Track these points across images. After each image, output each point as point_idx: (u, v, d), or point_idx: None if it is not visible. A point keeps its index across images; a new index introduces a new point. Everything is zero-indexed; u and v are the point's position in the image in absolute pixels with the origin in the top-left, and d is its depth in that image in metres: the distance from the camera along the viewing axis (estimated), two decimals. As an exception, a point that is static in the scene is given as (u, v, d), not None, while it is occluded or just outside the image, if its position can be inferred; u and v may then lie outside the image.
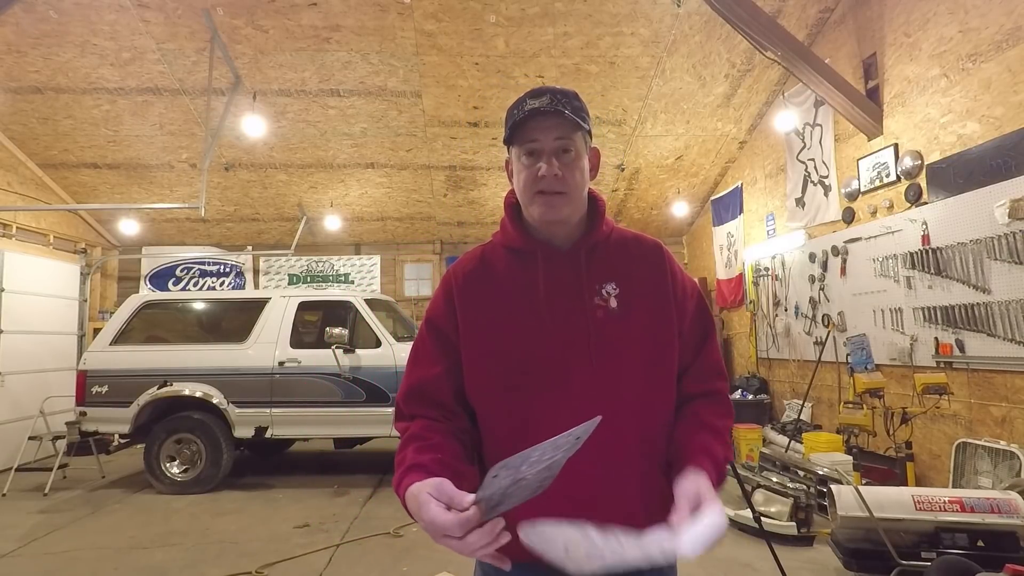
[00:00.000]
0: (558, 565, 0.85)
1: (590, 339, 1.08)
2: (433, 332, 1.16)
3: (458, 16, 5.48)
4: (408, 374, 1.18)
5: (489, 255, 1.19)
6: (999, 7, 3.91)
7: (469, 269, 1.18)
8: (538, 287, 1.11)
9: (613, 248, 1.17)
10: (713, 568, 3.50)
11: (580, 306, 1.10)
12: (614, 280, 1.13)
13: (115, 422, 5.40)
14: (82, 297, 7.80)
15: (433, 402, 1.12)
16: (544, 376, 1.07)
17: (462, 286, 1.16)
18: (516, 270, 1.14)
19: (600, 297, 1.11)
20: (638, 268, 1.16)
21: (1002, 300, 3.86)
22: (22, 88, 6.19)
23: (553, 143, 1.08)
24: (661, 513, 1.01)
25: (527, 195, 1.10)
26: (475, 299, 1.14)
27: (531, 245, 1.14)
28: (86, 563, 3.74)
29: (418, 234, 9.28)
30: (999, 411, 3.96)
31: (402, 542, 4.03)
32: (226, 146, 7.11)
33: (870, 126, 5.06)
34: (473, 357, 1.12)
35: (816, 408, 6.04)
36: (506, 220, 1.19)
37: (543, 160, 1.08)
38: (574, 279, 1.12)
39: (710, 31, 5.73)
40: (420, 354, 1.18)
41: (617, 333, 1.09)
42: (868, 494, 3.15)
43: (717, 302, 8.35)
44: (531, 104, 1.08)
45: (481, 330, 1.12)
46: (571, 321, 1.09)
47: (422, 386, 1.14)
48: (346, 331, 5.38)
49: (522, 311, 1.11)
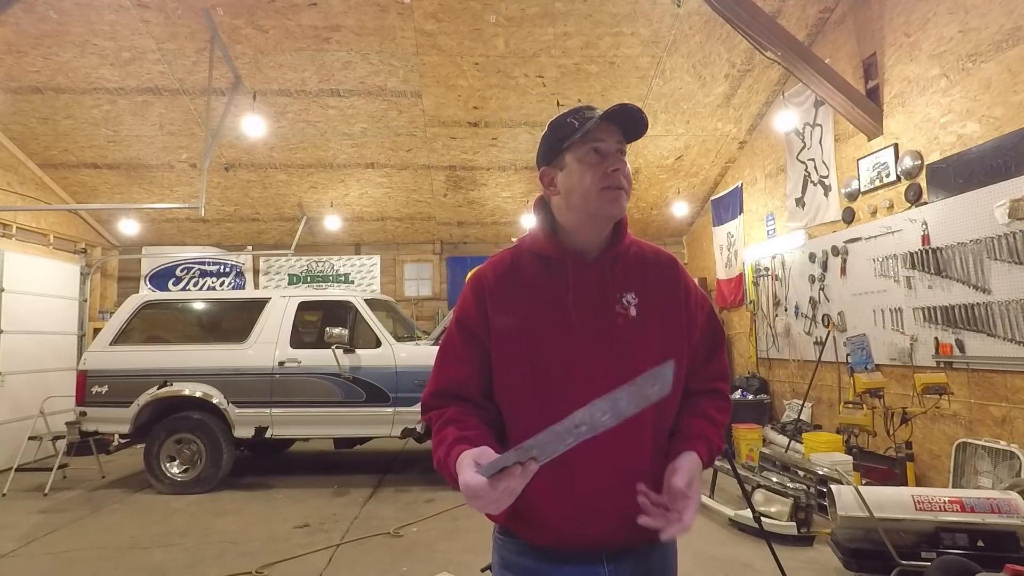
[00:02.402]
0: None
1: (613, 345, 1.15)
2: (464, 333, 1.21)
3: (458, 16, 5.48)
4: (437, 373, 1.23)
5: (519, 260, 1.24)
6: (999, 7, 3.91)
7: (501, 272, 1.23)
8: (567, 294, 1.17)
9: (633, 260, 1.24)
10: (713, 568, 3.50)
11: (604, 313, 1.17)
12: (633, 290, 1.20)
13: (115, 422, 5.40)
14: (82, 297, 7.80)
15: (462, 399, 1.18)
16: (569, 378, 1.13)
17: (494, 289, 1.21)
18: (546, 277, 1.20)
19: (621, 305, 1.18)
20: (655, 280, 1.23)
21: (1002, 300, 3.86)
22: (22, 88, 6.19)
23: (615, 145, 1.17)
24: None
25: (595, 189, 1.15)
26: (507, 303, 1.19)
27: (562, 254, 1.20)
28: (86, 563, 3.74)
29: (418, 234, 9.28)
30: (999, 411, 3.96)
31: (402, 542, 4.03)
32: (226, 146, 7.11)
33: (870, 126, 5.06)
34: (503, 359, 1.18)
35: (816, 408, 6.04)
36: (538, 229, 1.25)
37: (610, 159, 1.16)
38: (600, 288, 1.18)
39: (710, 31, 5.73)
40: (450, 354, 1.23)
41: (636, 339, 1.17)
42: (868, 494, 3.15)
43: (717, 302, 8.34)
44: (589, 114, 1.16)
45: (512, 333, 1.17)
46: (595, 327, 1.16)
47: (451, 385, 1.20)
48: (346, 331, 5.37)
49: (551, 316, 1.17)
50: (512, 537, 1.20)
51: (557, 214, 1.23)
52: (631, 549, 1.16)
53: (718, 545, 3.86)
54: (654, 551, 1.19)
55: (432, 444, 1.15)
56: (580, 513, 1.12)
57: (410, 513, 4.63)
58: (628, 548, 1.16)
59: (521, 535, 1.18)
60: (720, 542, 3.92)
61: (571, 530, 1.13)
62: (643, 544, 1.16)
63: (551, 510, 1.13)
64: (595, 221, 1.18)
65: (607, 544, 1.15)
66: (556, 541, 1.15)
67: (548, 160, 1.22)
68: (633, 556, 1.17)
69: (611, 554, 1.16)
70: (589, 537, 1.14)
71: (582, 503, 1.12)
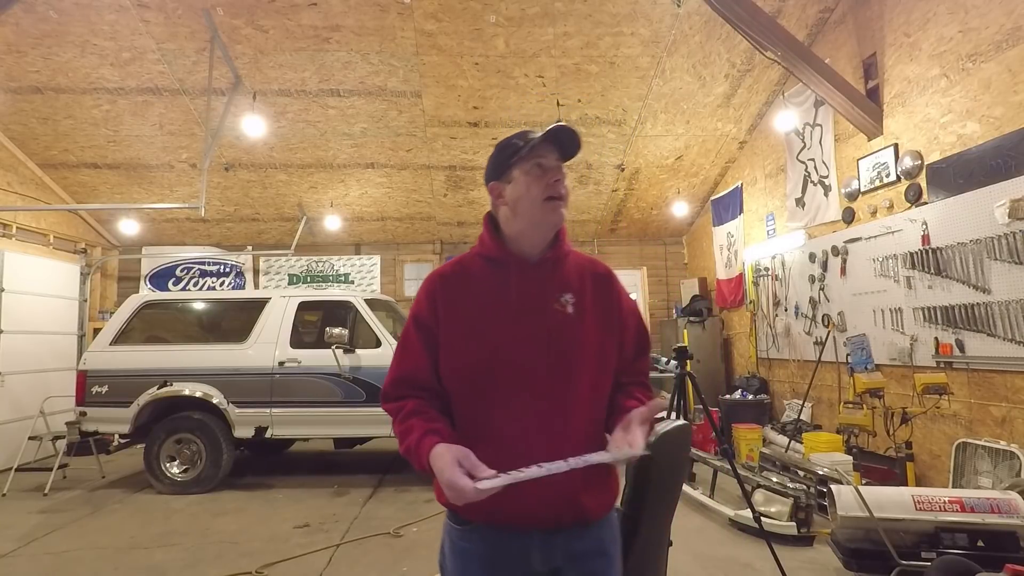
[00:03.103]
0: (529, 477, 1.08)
1: (550, 336, 1.29)
2: (419, 328, 1.35)
3: (458, 16, 5.48)
4: (396, 365, 1.37)
5: (468, 263, 1.39)
6: (999, 7, 3.91)
7: (450, 273, 1.38)
8: (510, 291, 1.32)
9: (572, 266, 1.39)
10: (713, 568, 3.50)
11: (544, 308, 1.31)
12: (571, 291, 1.34)
13: (115, 422, 5.40)
14: (82, 297, 7.81)
15: (421, 387, 1.33)
16: (511, 365, 1.27)
17: (444, 287, 1.35)
18: (491, 276, 1.34)
19: (559, 303, 1.32)
20: (591, 286, 1.38)
21: (1002, 300, 3.86)
22: (22, 88, 6.19)
23: (555, 161, 1.33)
24: (600, 488, 1.32)
25: (539, 199, 1.30)
26: (455, 298, 1.33)
27: (507, 256, 1.34)
28: (86, 563, 3.74)
29: (418, 234, 9.28)
30: (999, 411, 3.96)
31: (402, 542, 4.03)
32: (226, 146, 7.11)
33: (870, 126, 5.06)
34: (451, 346, 1.31)
35: (816, 408, 6.04)
36: (485, 234, 1.39)
37: (551, 172, 1.31)
38: (540, 286, 1.33)
39: (710, 31, 5.73)
40: (407, 347, 1.36)
41: (571, 333, 1.30)
42: (868, 494, 3.15)
43: (717, 302, 8.35)
44: (532, 135, 1.32)
45: (460, 325, 1.31)
46: (535, 321, 1.30)
47: (409, 374, 1.34)
48: (346, 331, 5.38)
49: (495, 310, 1.31)
50: (456, 522, 1.33)
51: (504, 224, 1.36)
52: (562, 528, 1.28)
53: (718, 545, 3.86)
54: (588, 530, 1.31)
55: (396, 432, 1.29)
56: (517, 494, 1.19)
57: (410, 513, 4.63)
58: (560, 527, 1.28)
59: (462, 514, 1.29)
60: (720, 542, 3.92)
61: (507, 509, 1.24)
62: (573, 524, 1.28)
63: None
64: (538, 228, 1.33)
65: (541, 522, 1.27)
66: (491, 518, 1.27)
67: (496, 175, 1.36)
68: (564, 535, 1.28)
69: (543, 532, 1.27)
70: (523, 516, 1.26)
71: (519, 485, 1.19)
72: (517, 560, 1.28)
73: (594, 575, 1.31)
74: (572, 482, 1.21)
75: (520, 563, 1.28)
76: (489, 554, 1.28)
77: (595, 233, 9.42)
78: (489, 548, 1.28)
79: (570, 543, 1.28)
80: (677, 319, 8.31)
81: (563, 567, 1.28)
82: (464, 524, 1.31)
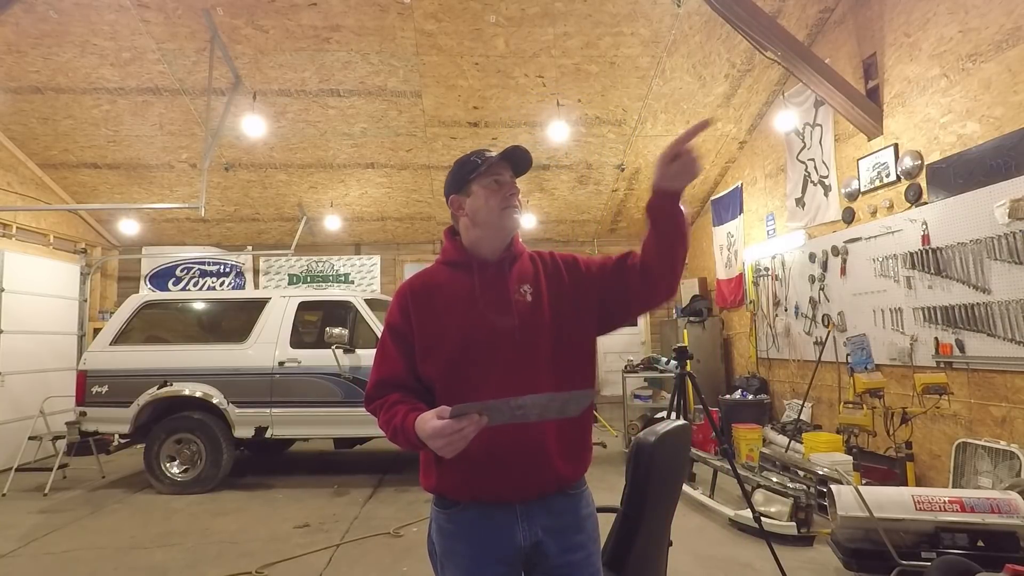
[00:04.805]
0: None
1: (512, 322, 1.42)
2: (394, 335, 1.48)
3: (458, 16, 5.48)
4: (376, 370, 1.49)
5: (433, 272, 1.54)
6: (999, 7, 3.91)
7: (418, 282, 1.52)
8: (474, 288, 1.45)
9: (528, 262, 1.53)
10: (713, 568, 3.50)
11: (505, 299, 1.44)
12: (528, 283, 1.48)
13: (115, 422, 5.40)
14: (82, 297, 7.80)
15: (401, 387, 1.44)
16: (479, 352, 1.40)
17: (414, 297, 1.48)
18: (456, 278, 1.49)
19: (519, 294, 1.46)
20: (551, 273, 1.52)
21: (1002, 300, 3.86)
22: (22, 88, 6.19)
23: (509, 177, 1.50)
24: (572, 459, 1.42)
25: (498, 209, 1.46)
26: (424, 302, 1.47)
27: (468, 259, 1.49)
28: (86, 563, 3.74)
29: (418, 234, 9.28)
30: (999, 411, 3.96)
31: (402, 542, 4.03)
32: (226, 146, 7.11)
33: (870, 126, 5.06)
34: (430, 345, 1.43)
35: (816, 408, 6.04)
36: (447, 243, 1.55)
37: (507, 187, 1.47)
38: (500, 282, 1.47)
39: (710, 31, 5.73)
40: (385, 354, 1.49)
41: (533, 319, 1.44)
42: (868, 494, 3.15)
43: (717, 302, 8.35)
44: (488, 154, 1.49)
45: (434, 326, 1.44)
46: (499, 311, 1.43)
47: (389, 377, 1.46)
48: (346, 331, 5.38)
49: (462, 306, 1.44)
50: (442, 505, 1.43)
51: (464, 233, 1.51)
52: (545, 497, 1.40)
53: (718, 545, 3.86)
54: (568, 501, 1.43)
55: (381, 423, 1.39)
56: (499, 467, 1.36)
57: (410, 513, 4.63)
58: (542, 496, 1.40)
59: (449, 495, 1.41)
60: (720, 542, 3.92)
61: (491, 485, 1.37)
62: (554, 493, 1.41)
63: (468, 468, 1.36)
64: (497, 234, 1.48)
65: (523, 493, 1.38)
66: (476, 494, 1.39)
67: (456, 189, 1.51)
68: (544, 507, 1.40)
69: (525, 505, 1.39)
70: (507, 490, 1.38)
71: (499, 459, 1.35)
72: (503, 536, 1.37)
73: (573, 549, 1.40)
74: (547, 450, 1.37)
75: (506, 539, 1.37)
76: (476, 533, 1.38)
77: (595, 233, 9.42)
78: (475, 528, 1.39)
79: (551, 516, 1.40)
80: (677, 319, 8.31)
81: (544, 540, 1.38)
82: (450, 507, 1.42)
